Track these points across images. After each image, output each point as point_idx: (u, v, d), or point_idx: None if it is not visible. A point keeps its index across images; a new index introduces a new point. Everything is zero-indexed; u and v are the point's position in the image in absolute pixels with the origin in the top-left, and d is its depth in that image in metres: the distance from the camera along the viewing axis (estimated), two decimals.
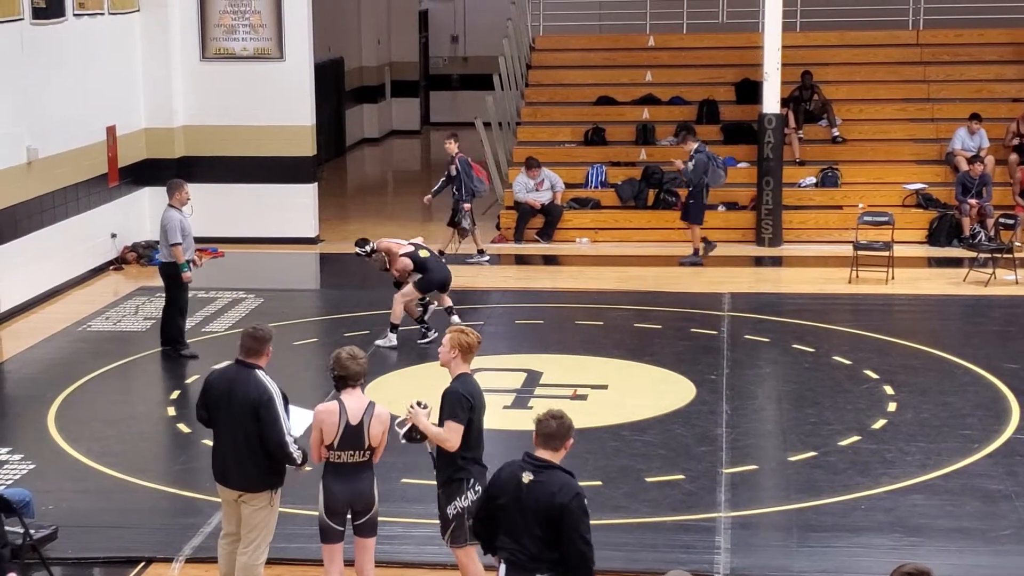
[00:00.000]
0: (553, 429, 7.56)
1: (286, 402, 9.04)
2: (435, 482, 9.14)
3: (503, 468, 7.63)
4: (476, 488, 8.82)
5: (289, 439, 8.92)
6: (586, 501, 7.46)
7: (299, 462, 9.02)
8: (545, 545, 7.38)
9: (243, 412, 8.86)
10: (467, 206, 20.21)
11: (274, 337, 9.20)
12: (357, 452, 8.84)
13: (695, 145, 20.17)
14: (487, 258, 20.35)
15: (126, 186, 20.81)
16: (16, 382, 15.29)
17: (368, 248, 16.24)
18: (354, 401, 8.88)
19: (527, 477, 7.46)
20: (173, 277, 15.43)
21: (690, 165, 20.03)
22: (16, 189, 17.62)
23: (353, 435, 8.81)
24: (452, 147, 20.23)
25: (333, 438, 8.79)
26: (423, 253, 15.93)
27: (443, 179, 20.62)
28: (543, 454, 7.55)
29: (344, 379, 8.87)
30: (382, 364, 15.35)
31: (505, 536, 7.51)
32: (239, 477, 8.98)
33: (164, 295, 15.83)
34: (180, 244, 15.22)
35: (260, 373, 8.94)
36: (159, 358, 15.77)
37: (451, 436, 8.77)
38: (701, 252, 20.18)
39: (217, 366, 10.28)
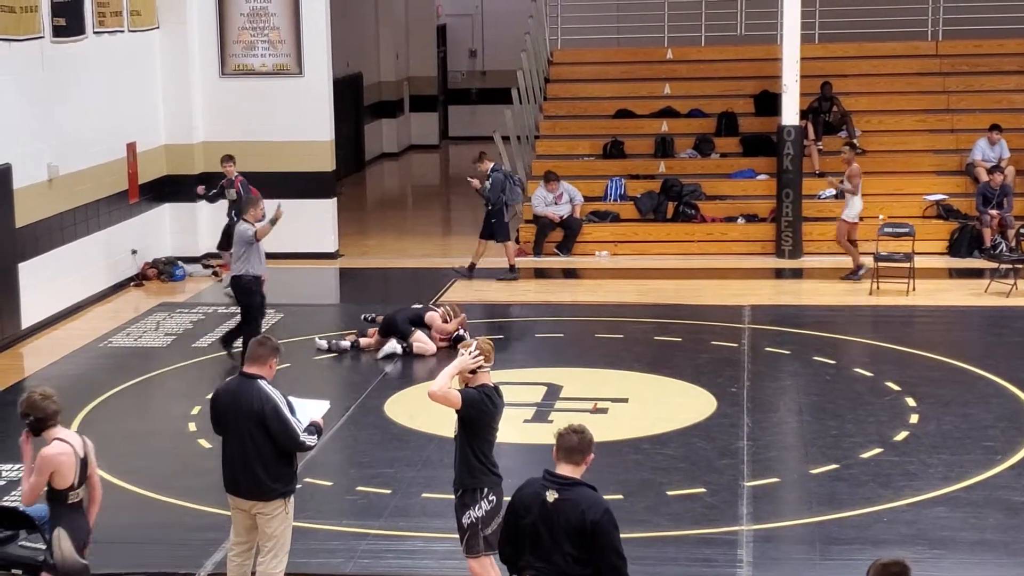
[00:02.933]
0: (575, 443, 7.54)
1: (290, 407, 9.07)
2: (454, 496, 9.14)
3: (525, 487, 7.58)
4: (490, 498, 8.87)
5: (303, 437, 8.98)
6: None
7: (314, 444, 9.13)
8: (576, 562, 7.35)
9: (248, 423, 8.92)
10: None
11: (281, 352, 9.21)
12: (82, 487, 8.83)
13: (491, 164, 20.06)
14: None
15: (146, 202, 20.87)
16: None
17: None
18: (70, 437, 8.89)
19: (552, 495, 7.42)
20: (243, 290, 15.45)
21: (487, 185, 19.89)
22: (37, 206, 17.69)
23: (83, 471, 8.83)
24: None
25: (74, 478, 8.77)
26: None
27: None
28: (564, 470, 7.52)
29: (43, 420, 8.82)
30: (402, 381, 15.38)
31: (532, 555, 7.46)
32: (249, 486, 9.02)
33: (239, 309, 15.85)
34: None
35: (262, 383, 8.99)
36: (180, 374, 15.80)
37: (436, 391, 8.75)
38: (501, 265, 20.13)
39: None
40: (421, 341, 16.29)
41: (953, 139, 23.14)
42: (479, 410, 8.88)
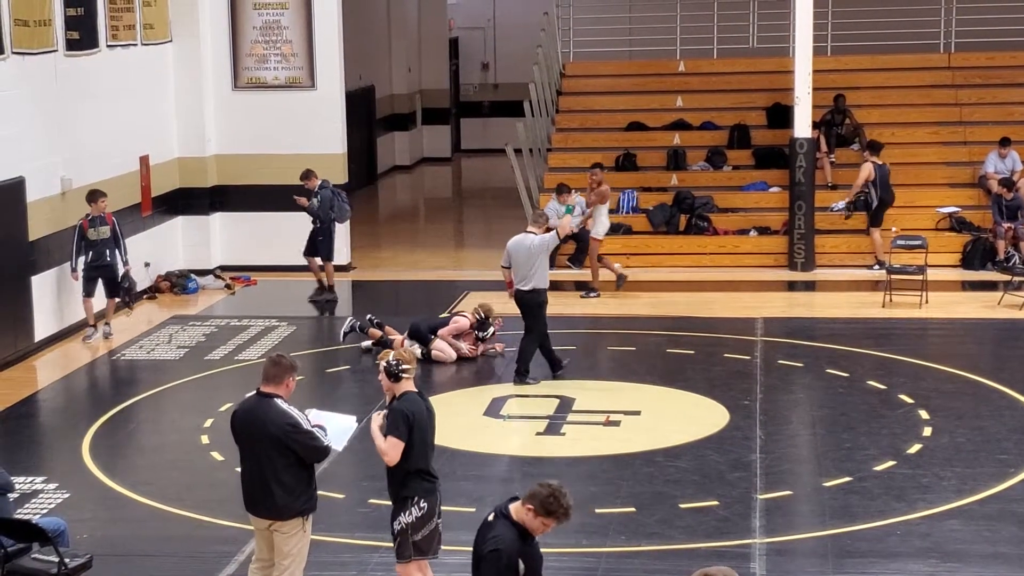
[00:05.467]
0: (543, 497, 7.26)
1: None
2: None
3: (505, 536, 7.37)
4: (421, 504, 8.96)
5: (326, 441, 8.99)
6: (504, 560, 7.22)
7: (338, 446, 9.19)
8: None
9: (264, 442, 8.87)
10: None
11: (298, 369, 9.18)
12: None
13: (319, 182, 19.84)
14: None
15: (159, 215, 20.91)
16: (50, 411, 15.36)
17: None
18: None
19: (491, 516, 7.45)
20: (528, 304, 15.47)
21: (315, 202, 19.66)
22: (50, 219, 17.73)
23: None
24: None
25: None
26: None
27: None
28: (515, 507, 7.36)
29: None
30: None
31: None
32: (267, 506, 8.98)
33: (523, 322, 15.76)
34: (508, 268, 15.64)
35: (279, 402, 8.94)
36: (192, 387, 15.82)
37: (390, 451, 8.89)
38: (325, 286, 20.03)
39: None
40: (440, 349, 16.40)
41: (966, 151, 23.11)
42: (411, 420, 8.88)
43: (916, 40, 25.30)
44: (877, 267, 20.86)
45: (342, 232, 21.92)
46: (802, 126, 21.20)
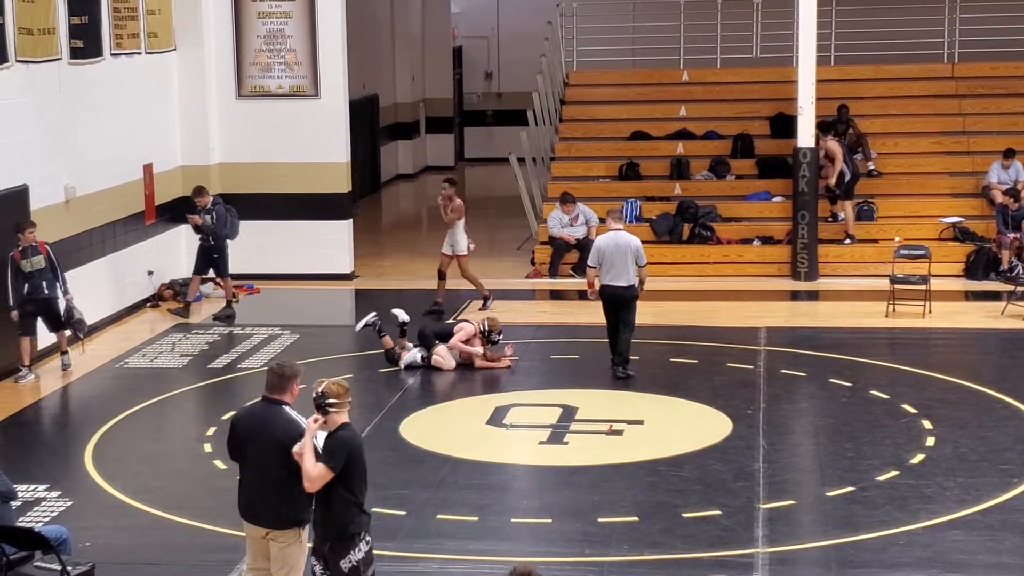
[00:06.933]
0: None
1: None
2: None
3: None
4: (367, 539, 8.62)
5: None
6: None
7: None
8: None
9: (271, 450, 8.78)
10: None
11: (302, 374, 9.10)
12: None
13: (211, 199, 19.43)
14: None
15: (163, 223, 20.91)
16: (53, 419, 15.36)
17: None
18: None
19: None
20: (625, 299, 15.79)
21: (208, 219, 19.21)
22: (54, 227, 17.72)
23: None
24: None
25: None
26: None
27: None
28: None
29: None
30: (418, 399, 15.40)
31: None
32: (268, 515, 8.91)
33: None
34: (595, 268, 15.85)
35: (288, 410, 8.90)
36: (195, 395, 15.83)
37: (316, 480, 8.46)
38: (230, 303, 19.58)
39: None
40: (440, 355, 16.40)
41: (969, 161, 23.11)
42: (356, 452, 8.54)
43: (920, 50, 25.32)
44: (848, 240, 21.56)
45: (345, 241, 21.95)
46: (805, 136, 21.19)
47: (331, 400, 8.52)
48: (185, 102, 21.52)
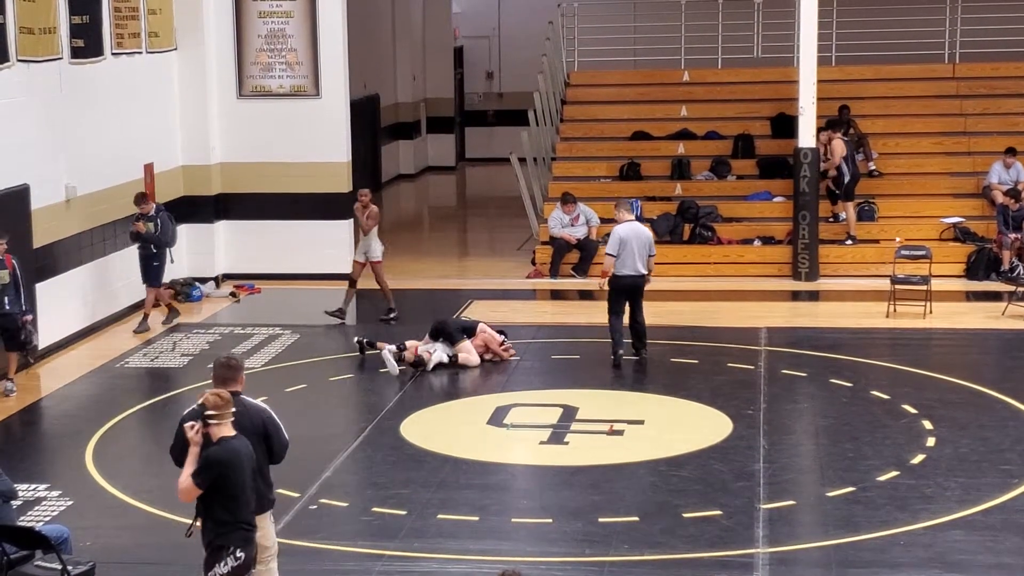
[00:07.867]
0: None
1: None
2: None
3: None
4: (238, 555, 8.48)
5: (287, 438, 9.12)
6: None
7: None
8: None
9: (253, 437, 8.84)
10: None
11: (244, 366, 9.18)
12: None
13: (154, 206, 19.03)
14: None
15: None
16: (54, 418, 15.36)
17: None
18: None
19: None
20: (640, 287, 16.35)
21: (151, 227, 18.73)
22: (55, 227, 17.74)
23: None
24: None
25: None
26: None
27: None
28: None
29: None
30: (418, 400, 15.41)
31: None
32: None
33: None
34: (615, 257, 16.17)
35: (246, 397, 9.02)
36: (196, 394, 15.78)
37: (186, 493, 8.50)
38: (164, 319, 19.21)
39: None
40: (467, 351, 16.39)
41: (970, 162, 23.10)
42: (227, 467, 8.42)
43: (921, 50, 25.32)
44: (849, 241, 21.53)
45: (345, 240, 21.93)
46: (806, 136, 21.19)
47: (210, 412, 8.35)
48: (186, 102, 21.52)
